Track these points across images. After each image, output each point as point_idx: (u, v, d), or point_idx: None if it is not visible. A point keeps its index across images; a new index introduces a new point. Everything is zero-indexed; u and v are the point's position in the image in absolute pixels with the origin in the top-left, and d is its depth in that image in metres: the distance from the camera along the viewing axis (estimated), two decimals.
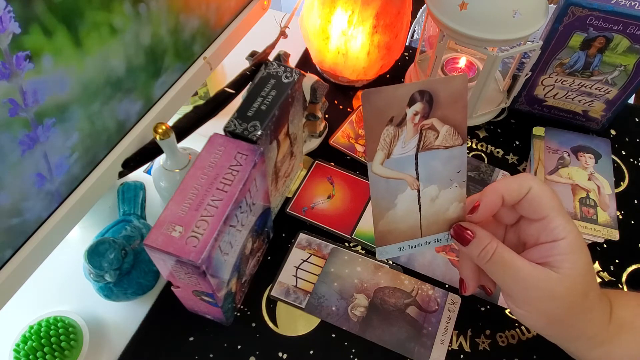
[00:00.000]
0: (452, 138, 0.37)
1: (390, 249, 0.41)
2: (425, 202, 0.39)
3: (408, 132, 0.36)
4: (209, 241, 0.38)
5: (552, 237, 0.37)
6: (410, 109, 0.35)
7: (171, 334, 0.52)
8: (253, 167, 0.42)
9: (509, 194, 0.38)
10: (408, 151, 0.37)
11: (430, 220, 0.40)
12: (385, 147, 0.36)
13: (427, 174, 0.38)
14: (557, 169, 0.62)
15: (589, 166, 0.63)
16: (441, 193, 0.39)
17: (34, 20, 0.32)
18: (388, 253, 0.41)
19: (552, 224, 0.37)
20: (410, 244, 0.41)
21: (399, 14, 0.64)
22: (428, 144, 0.37)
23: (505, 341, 0.53)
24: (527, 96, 0.69)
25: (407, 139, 0.36)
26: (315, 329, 0.52)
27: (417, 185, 0.38)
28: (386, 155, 0.36)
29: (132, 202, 0.56)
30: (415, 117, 0.35)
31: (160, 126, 0.46)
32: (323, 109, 0.65)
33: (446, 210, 0.39)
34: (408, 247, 0.41)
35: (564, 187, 0.61)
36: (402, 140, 0.36)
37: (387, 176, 0.37)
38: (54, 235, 0.42)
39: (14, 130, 0.34)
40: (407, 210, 0.39)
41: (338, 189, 0.63)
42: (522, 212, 0.39)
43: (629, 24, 0.55)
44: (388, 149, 0.36)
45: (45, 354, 0.46)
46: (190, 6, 0.49)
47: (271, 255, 0.57)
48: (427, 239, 0.41)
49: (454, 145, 0.37)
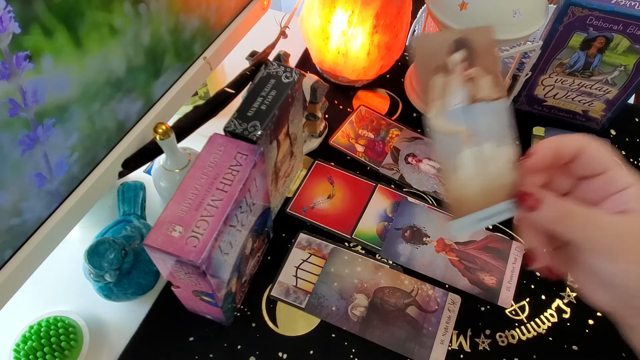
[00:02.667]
0: (495, 90, 0.35)
1: (464, 223, 0.36)
2: (480, 164, 0.36)
3: (455, 81, 0.35)
4: (209, 241, 0.38)
5: (619, 187, 0.34)
6: (454, 56, 0.34)
7: (171, 334, 0.52)
8: (253, 167, 0.42)
9: (562, 146, 0.35)
10: (458, 103, 0.35)
11: (490, 184, 0.35)
12: (440, 97, 0.35)
13: (478, 129, 0.35)
14: None
15: None
16: (495, 152, 0.35)
17: (34, 20, 0.32)
18: (462, 228, 0.36)
19: (616, 175, 0.34)
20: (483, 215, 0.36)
21: (399, 14, 0.64)
22: (474, 95, 0.35)
23: (505, 341, 0.53)
24: (527, 96, 0.69)
25: (456, 90, 0.35)
26: (315, 329, 0.52)
27: (470, 140, 0.35)
28: (442, 105, 0.35)
29: (132, 202, 0.56)
30: (459, 66, 0.35)
31: (160, 126, 0.46)
32: (323, 109, 0.65)
33: (502, 174, 0.36)
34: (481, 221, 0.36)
35: None
36: (453, 90, 0.35)
37: (444, 130, 0.35)
38: (54, 235, 0.42)
39: (14, 130, 0.34)
40: (471, 174, 0.35)
41: (338, 189, 0.63)
42: (580, 170, 0.36)
43: (629, 24, 0.55)
44: (442, 99, 0.35)
45: (45, 354, 0.46)
46: (190, 6, 0.49)
47: (271, 255, 0.57)
48: (497, 208, 0.36)
49: (499, 97, 0.35)
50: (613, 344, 0.53)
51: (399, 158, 0.66)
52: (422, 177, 0.64)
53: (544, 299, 0.55)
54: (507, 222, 0.60)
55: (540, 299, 0.55)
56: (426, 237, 0.59)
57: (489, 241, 0.59)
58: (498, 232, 0.60)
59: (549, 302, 0.55)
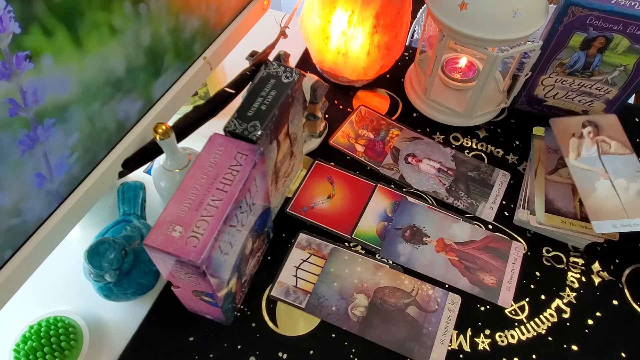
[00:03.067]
0: (621, 148, 0.60)
1: (604, 224, 0.55)
2: (620, 190, 0.57)
3: (587, 142, 0.61)
4: (209, 241, 0.38)
5: None
6: (585, 129, 0.62)
7: (171, 334, 0.52)
8: (253, 167, 0.42)
9: None
10: (592, 154, 0.60)
11: (631, 205, 0.55)
12: (575, 150, 0.60)
13: (613, 170, 0.58)
14: (557, 169, 0.62)
15: None
16: (630, 184, 0.57)
17: (34, 20, 0.32)
18: (602, 227, 0.55)
19: None
20: (622, 223, 0.55)
21: (399, 14, 0.64)
22: (605, 150, 0.60)
23: (505, 341, 0.53)
24: (527, 96, 0.69)
25: (588, 147, 0.60)
26: (315, 329, 0.52)
27: (607, 177, 0.58)
28: (577, 154, 0.60)
29: (132, 202, 0.56)
30: (589, 134, 0.61)
31: (160, 126, 0.46)
32: (323, 109, 0.65)
33: (634, 200, 0.56)
34: (620, 225, 0.54)
35: (564, 187, 0.61)
36: (585, 147, 0.60)
37: (580, 167, 0.59)
38: (54, 235, 0.42)
39: (14, 130, 0.34)
40: (607, 195, 0.56)
41: (338, 188, 0.63)
42: None
43: (629, 24, 0.55)
44: (577, 151, 0.60)
45: (45, 354, 0.46)
46: (190, 6, 0.49)
47: (271, 255, 0.57)
48: (637, 221, 0.54)
49: (624, 153, 0.59)
50: (613, 344, 0.53)
51: (399, 158, 0.66)
52: (422, 177, 0.64)
53: (544, 298, 0.55)
54: (508, 222, 0.61)
55: (540, 298, 0.55)
56: (426, 237, 0.59)
57: (489, 241, 0.59)
58: (498, 232, 0.60)
59: (549, 302, 0.55)
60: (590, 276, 0.57)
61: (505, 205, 0.62)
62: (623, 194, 0.56)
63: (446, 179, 0.64)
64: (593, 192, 0.57)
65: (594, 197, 0.57)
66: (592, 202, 0.56)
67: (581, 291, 0.56)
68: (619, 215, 0.55)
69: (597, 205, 0.56)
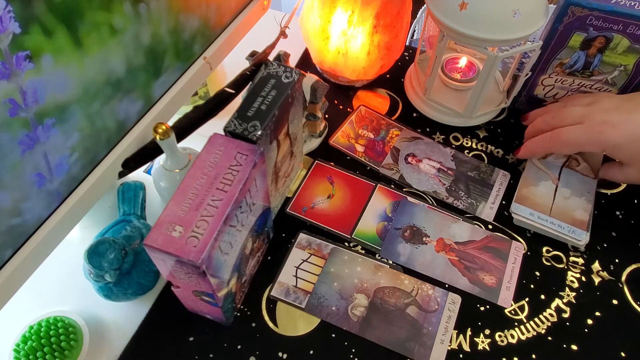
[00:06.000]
0: (587, 170, 0.62)
1: (523, 209, 0.58)
2: (558, 196, 0.59)
3: (559, 155, 0.63)
4: (209, 241, 0.38)
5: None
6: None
7: (171, 334, 0.52)
8: (253, 167, 0.42)
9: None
10: (556, 162, 0.63)
11: (559, 209, 0.58)
12: (544, 157, 0.63)
13: (565, 181, 0.61)
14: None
15: None
16: (572, 197, 0.59)
17: (34, 20, 0.32)
18: (521, 211, 0.58)
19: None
20: (540, 216, 0.58)
21: (399, 14, 0.64)
22: (571, 166, 0.62)
23: (505, 341, 0.53)
24: (527, 96, 0.69)
25: (558, 157, 0.63)
26: (315, 329, 0.52)
27: (556, 182, 0.61)
28: (542, 157, 0.63)
29: (132, 202, 0.56)
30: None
31: (160, 126, 0.46)
32: (323, 109, 0.65)
33: (573, 210, 0.58)
34: (537, 217, 0.58)
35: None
36: (553, 156, 0.63)
37: (538, 166, 0.63)
38: (54, 235, 0.42)
39: (14, 130, 0.34)
40: (544, 194, 0.60)
41: (338, 188, 0.63)
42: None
43: (629, 24, 0.55)
44: (545, 156, 0.63)
45: (45, 354, 0.46)
46: (190, 6, 0.49)
47: (271, 255, 0.57)
48: (553, 221, 0.57)
49: (588, 175, 0.62)
50: (613, 344, 0.53)
51: (399, 158, 0.66)
52: (422, 177, 0.64)
53: (544, 298, 0.55)
54: (508, 222, 0.61)
55: (540, 298, 0.55)
56: (426, 237, 0.59)
57: (489, 241, 0.59)
58: (498, 232, 0.60)
59: (549, 301, 0.55)
60: (590, 276, 0.57)
61: (505, 205, 0.62)
62: (559, 199, 0.59)
63: (446, 179, 0.64)
64: (533, 186, 0.60)
65: (531, 189, 0.60)
66: (527, 190, 0.60)
67: (581, 291, 0.56)
68: (542, 210, 0.58)
69: (529, 195, 0.59)
